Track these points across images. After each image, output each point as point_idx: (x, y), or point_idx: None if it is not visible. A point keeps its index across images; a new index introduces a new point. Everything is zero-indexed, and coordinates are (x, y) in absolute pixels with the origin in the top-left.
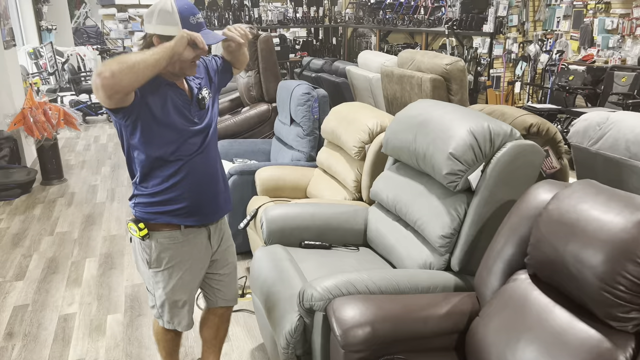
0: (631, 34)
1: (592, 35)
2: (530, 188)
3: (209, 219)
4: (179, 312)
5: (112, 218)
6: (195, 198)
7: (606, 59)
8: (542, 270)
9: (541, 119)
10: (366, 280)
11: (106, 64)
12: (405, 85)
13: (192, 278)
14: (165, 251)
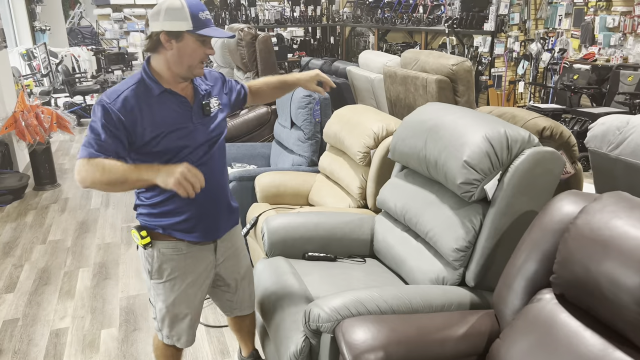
0: (633, 31)
1: (593, 33)
2: (553, 200)
3: (211, 235)
4: (179, 326)
5: (107, 225)
6: (196, 212)
7: (608, 57)
8: (571, 291)
9: (554, 121)
10: (377, 299)
11: (88, 170)
12: (409, 86)
13: (195, 292)
14: (167, 262)
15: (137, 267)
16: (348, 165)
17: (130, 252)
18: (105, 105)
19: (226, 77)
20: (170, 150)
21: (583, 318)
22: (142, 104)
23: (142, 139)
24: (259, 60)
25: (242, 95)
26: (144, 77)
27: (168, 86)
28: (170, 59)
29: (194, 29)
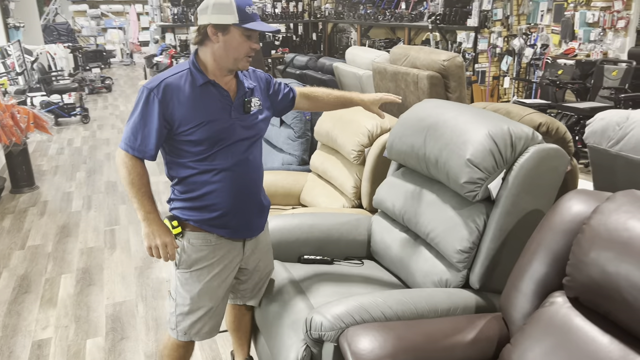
0: (612, 27)
1: (573, 28)
2: (562, 199)
3: (242, 234)
4: (201, 319)
5: (89, 228)
6: (229, 210)
7: (588, 52)
8: (586, 294)
9: (550, 117)
10: (381, 305)
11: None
12: (400, 82)
13: (219, 284)
14: (196, 253)
15: (122, 272)
16: (341, 164)
17: (114, 256)
18: (147, 91)
19: (273, 79)
20: (203, 141)
21: (600, 322)
22: (184, 92)
23: (178, 126)
24: None
25: (290, 98)
26: (190, 67)
27: (213, 78)
28: (216, 51)
29: (240, 23)
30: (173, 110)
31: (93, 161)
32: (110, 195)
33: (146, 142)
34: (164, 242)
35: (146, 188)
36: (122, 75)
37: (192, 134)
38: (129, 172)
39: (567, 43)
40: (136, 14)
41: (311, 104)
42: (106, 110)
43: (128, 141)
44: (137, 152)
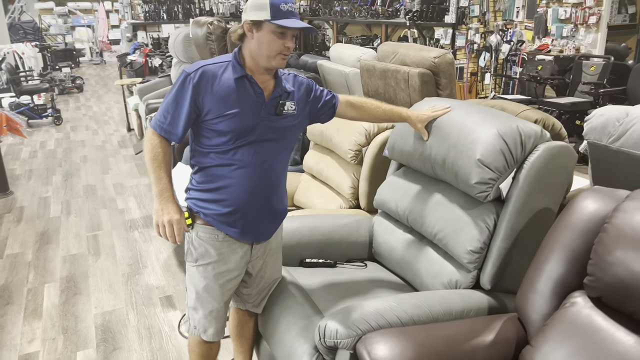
0: (584, 22)
1: (546, 25)
2: (577, 198)
3: (249, 237)
4: (206, 317)
5: (70, 235)
6: (242, 208)
7: (561, 48)
8: (611, 294)
9: (545, 114)
10: (396, 309)
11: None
12: (389, 80)
13: (224, 284)
14: (202, 247)
15: (109, 279)
16: (337, 164)
17: (99, 263)
18: (185, 74)
19: (314, 85)
20: (227, 133)
21: (625, 322)
22: (219, 81)
23: (206, 114)
24: None
25: (332, 105)
26: (232, 59)
27: (250, 73)
28: (252, 48)
29: (271, 19)
30: (205, 97)
31: (69, 164)
32: (90, 200)
33: (174, 124)
34: (171, 220)
35: (167, 167)
36: (92, 75)
37: (218, 124)
38: (153, 147)
39: (541, 39)
40: (105, 11)
41: (357, 114)
42: (79, 111)
43: (158, 120)
44: (164, 132)
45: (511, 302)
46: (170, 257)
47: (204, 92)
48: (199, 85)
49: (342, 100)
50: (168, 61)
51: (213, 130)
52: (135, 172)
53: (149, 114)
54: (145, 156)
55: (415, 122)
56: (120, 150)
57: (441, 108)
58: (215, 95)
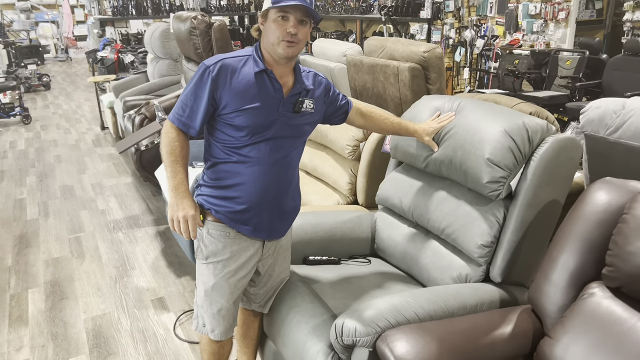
0: (554, 18)
1: (517, 20)
2: (590, 189)
3: (261, 234)
4: (214, 316)
5: (51, 237)
6: (254, 206)
7: (532, 42)
8: (634, 285)
9: (538, 107)
10: (413, 305)
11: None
12: (378, 75)
13: (235, 283)
14: (213, 244)
15: (96, 282)
16: (333, 160)
17: (84, 266)
18: (204, 67)
19: (332, 87)
20: (244, 128)
21: None
22: (237, 75)
23: (223, 107)
24: (216, 50)
25: (345, 110)
26: (253, 53)
27: (270, 68)
28: (263, 39)
29: (272, 4)
30: (222, 91)
31: (42, 164)
32: (69, 200)
33: (192, 117)
34: (186, 216)
35: (183, 161)
36: (59, 72)
37: (235, 119)
38: (171, 141)
39: (512, 34)
40: (70, 6)
41: (365, 123)
42: (48, 110)
43: (176, 112)
44: (182, 125)
45: (521, 295)
46: (159, 258)
47: (222, 86)
48: (218, 78)
49: (353, 106)
50: (140, 57)
51: (230, 124)
52: (113, 171)
53: (127, 111)
54: (162, 150)
55: (423, 136)
56: (95, 149)
57: (446, 117)
58: (234, 89)
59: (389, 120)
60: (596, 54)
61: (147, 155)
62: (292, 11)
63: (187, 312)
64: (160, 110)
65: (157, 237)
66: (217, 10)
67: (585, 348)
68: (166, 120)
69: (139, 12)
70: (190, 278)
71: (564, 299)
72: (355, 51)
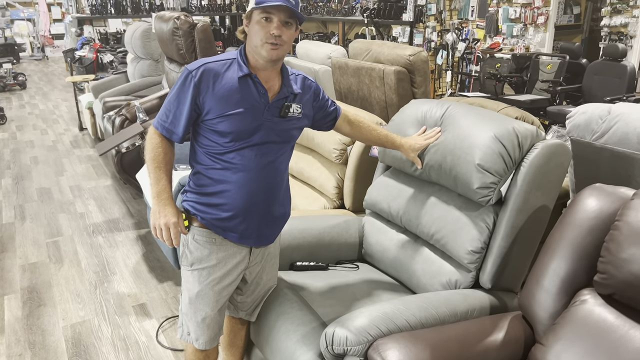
0: (533, 22)
1: (497, 24)
2: (580, 195)
3: (248, 241)
4: (199, 325)
5: (28, 242)
6: (241, 213)
7: (512, 46)
8: (626, 291)
9: (524, 112)
10: (404, 313)
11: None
12: (363, 77)
13: (220, 290)
14: (198, 250)
15: (75, 288)
16: (320, 164)
17: (63, 271)
18: (186, 72)
19: (322, 92)
20: (228, 134)
21: (638, 318)
22: (221, 80)
23: (207, 113)
24: (199, 51)
25: (333, 117)
26: (237, 57)
27: (254, 72)
28: (248, 42)
29: (255, 4)
30: (205, 97)
31: (18, 166)
32: (46, 203)
33: (175, 123)
34: (167, 223)
35: (167, 167)
36: (35, 71)
37: (218, 124)
38: (154, 147)
39: (492, 38)
40: (46, 4)
41: (352, 131)
42: (24, 110)
43: (160, 118)
44: (165, 131)
45: (511, 301)
46: (140, 263)
47: (205, 91)
48: (200, 83)
49: (342, 114)
50: (120, 57)
51: (213, 130)
52: (92, 174)
53: (107, 112)
54: (146, 155)
55: (409, 152)
56: (73, 150)
57: (432, 133)
58: (217, 94)
59: (376, 131)
60: (576, 59)
61: (128, 158)
62: (276, 12)
63: (170, 319)
64: (141, 112)
65: (138, 241)
66: (198, 10)
67: (577, 355)
68: (151, 126)
69: (118, 11)
70: (173, 283)
71: (556, 305)
72: (340, 53)
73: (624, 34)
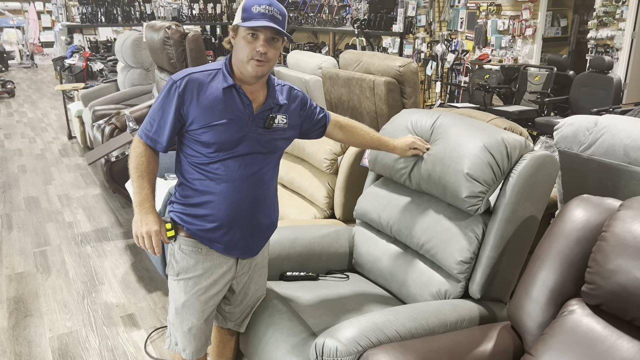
0: (521, 34)
1: (486, 35)
2: (568, 206)
3: (235, 252)
4: (185, 335)
5: (14, 251)
6: (227, 224)
7: (500, 57)
8: (613, 302)
9: (512, 123)
10: (394, 323)
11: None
12: (353, 88)
13: (206, 300)
14: (184, 260)
15: (62, 299)
16: (310, 174)
17: (50, 281)
18: (171, 82)
19: (309, 101)
20: (211, 144)
21: (627, 329)
22: (205, 90)
23: (190, 123)
24: (190, 60)
25: (322, 124)
26: (222, 67)
27: (239, 83)
28: (233, 54)
29: (242, 21)
30: (189, 107)
31: (6, 175)
32: (34, 213)
33: (159, 133)
34: (149, 231)
35: (150, 176)
36: (24, 79)
37: (202, 135)
38: (138, 156)
39: (481, 49)
40: (36, 12)
41: (344, 136)
42: (12, 118)
43: (144, 127)
44: (149, 140)
45: (500, 311)
46: (128, 273)
47: (189, 101)
48: (184, 93)
49: (332, 120)
50: (110, 66)
51: (197, 141)
52: (81, 183)
53: (96, 121)
54: (130, 164)
55: (405, 150)
56: (62, 159)
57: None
58: (201, 104)
59: (369, 135)
60: (564, 71)
61: (117, 167)
62: (262, 29)
63: (159, 329)
64: (131, 121)
65: (126, 250)
66: (189, 19)
67: None
68: (135, 135)
69: (108, 20)
70: (162, 293)
71: (544, 315)
72: (331, 64)
73: (610, 47)
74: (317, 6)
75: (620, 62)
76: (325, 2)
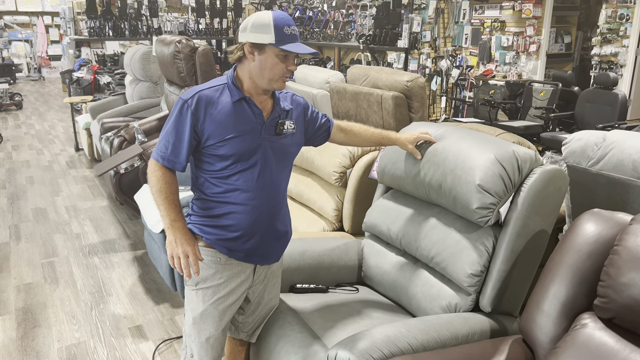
0: (525, 50)
1: (490, 51)
2: (579, 220)
3: (256, 260)
4: (203, 345)
5: (23, 262)
6: (247, 232)
7: (505, 73)
8: (626, 315)
9: (520, 137)
10: (406, 336)
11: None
12: (361, 102)
13: (224, 310)
14: (203, 270)
15: (70, 310)
16: (319, 187)
17: (58, 292)
18: (182, 102)
19: (310, 106)
20: (229, 157)
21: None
22: (216, 106)
23: (207, 139)
24: (199, 74)
25: (326, 128)
26: (228, 82)
27: (248, 95)
28: (252, 70)
29: (276, 43)
30: (204, 123)
31: (14, 186)
32: (42, 224)
33: (176, 153)
34: (185, 251)
35: (173, 196)
36: (31, 92)
37: (219, 149)
38: (158, 180)
39: (485, 65)
40: (44, 26)
41: (347, 138)
42: (19, 130)
43: (159, 150)
44: (167, 162)
45: (510, 324)
46: (136, 284)
47: (203, 118)
48: (197, 111)
49: (335, 124)
50: (117, 79)
51: (214, 155)
52: (88, 194)
53: (104, 133)
54: (151, 189)
55: (406, 144)
56: (69, 170)
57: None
58: (215, 120)
59: (369, 131)
60: (568, 87)
61: (126, 179)
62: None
63: (167, 341)
64: (140, 133)
65: (134, 262)
66: (196, 34)
67: None
68: (150, 159)
69: (116, 34)
70: (170, 305)
71: (556, 329)
72: (338, 79)
73: (614, 63)
74: (323, 22)
75: (624, 78)
76: (331, 17)
